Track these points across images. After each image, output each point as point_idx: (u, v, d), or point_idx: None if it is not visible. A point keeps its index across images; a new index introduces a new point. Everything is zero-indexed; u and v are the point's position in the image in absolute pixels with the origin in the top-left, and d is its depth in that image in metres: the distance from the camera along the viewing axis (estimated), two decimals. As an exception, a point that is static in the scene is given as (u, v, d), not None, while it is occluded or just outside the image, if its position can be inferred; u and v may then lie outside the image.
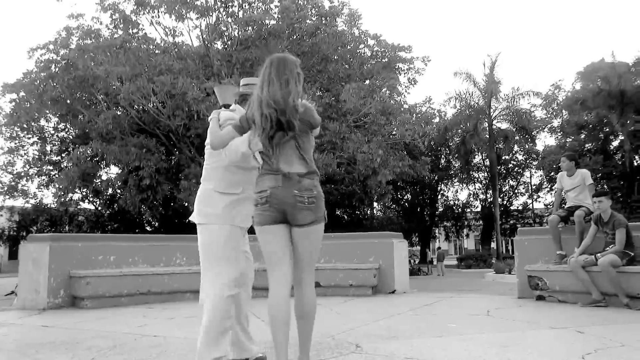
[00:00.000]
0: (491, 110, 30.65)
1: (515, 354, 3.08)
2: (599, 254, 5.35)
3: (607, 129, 29.07)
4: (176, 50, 19.99)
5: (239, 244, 2.86)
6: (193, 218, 2.89)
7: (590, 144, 29.76)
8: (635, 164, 27.02)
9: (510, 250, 39.17)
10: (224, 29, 19.81)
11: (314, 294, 2.66)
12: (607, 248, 5.42)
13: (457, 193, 38.99)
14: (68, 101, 19.87)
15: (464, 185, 37.94)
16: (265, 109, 2.45)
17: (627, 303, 5.08)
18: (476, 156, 35.16)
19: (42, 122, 23.14)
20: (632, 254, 5.28)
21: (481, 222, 38.29)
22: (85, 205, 25.80)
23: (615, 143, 29.51)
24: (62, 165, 22.93)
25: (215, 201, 2.80)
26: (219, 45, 20.51)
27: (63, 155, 23.86)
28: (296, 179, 2.45)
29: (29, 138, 24.06)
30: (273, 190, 2.45)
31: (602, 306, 5.25)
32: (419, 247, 38.41)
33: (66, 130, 24.34)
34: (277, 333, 2.51)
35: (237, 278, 2.81)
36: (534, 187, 36.33)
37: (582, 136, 30.14)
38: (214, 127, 2.75)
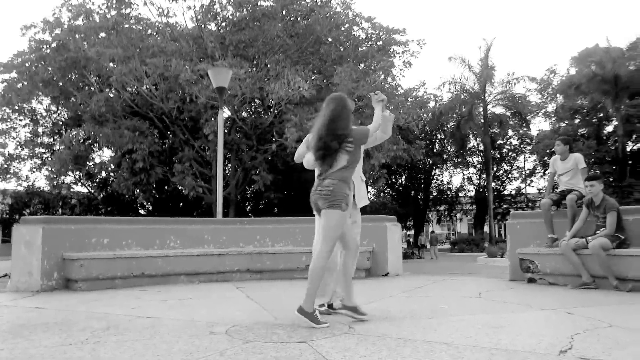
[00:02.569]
0: (486, 94, 30.62)
1: (505, 334, 3.12)
2: (589, 237, 5.41)
3: (601, 114, 29.15)
4: (169, 31, 19.75)
5: None
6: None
7: (584, 129, 29.85)
8: (628, 149, 27.16)
9: (503, 235, 39.46)
10: (218, 10, 19.56)
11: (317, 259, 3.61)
12: (598, 231, 5.47)
13: (451, 177, 39.15)
14: (60, 83, 19.65)
15: (459, 169, 38.06)
16: None
17: (617, 285, 5.15)
18: (471, 141, 35.23)
19: (34, 103, 22.89)
20: (623, 237, 5.34)
21: (474, 206, 38.50)
22: (78, 188, 25.71)
23: (609, 128, 29.63)
24: (54, 148, 22.78)
25: None
26: (212, 26, 20.27)
27: (55, 137, 23.68)
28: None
29: (21, 120, 23.82)
30: None
31: (592, 288, 5.32)
32: (412, 231, 38.64)
33: (58, 112, 24.11)
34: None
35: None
36: (527, 171, 36.50)
37: (576, 121, 30.22)
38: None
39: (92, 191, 25.74)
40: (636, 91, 25.52)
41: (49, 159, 22.05)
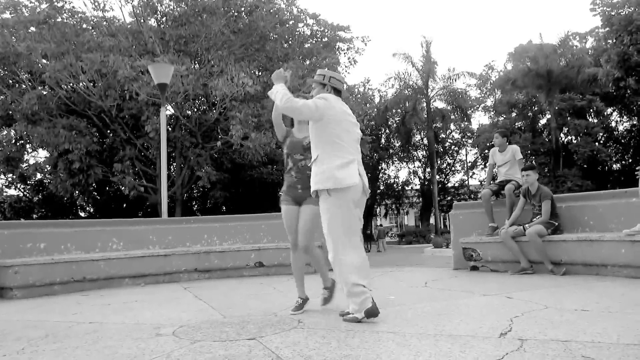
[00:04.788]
0: (429, 90, 31.44)
1: (450, 321, 3.23)
2: (526, 225, 5.67)
3: (536, 108, 30.62)
4: (106, 25, 18.97)
5: None
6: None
7: (520, 122, 31.27)
8: (561, 140, 28.68)
9: (448, 226, 40.71)
10: (158, 4, 19.00)
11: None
12: (534, 219, 5.74)
13: (397, 171, 39.96)
14: (-13, 80, 18.48)
15: (405, 163, 38.92)
16: None
17: (552, 269, 5.43)
18: (415, 135, 36.10)
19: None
20: (557, 223, 5.64)
21: (421, 199, 39.50)
22: (12, 191, 24.33)
23: (543, 121, 31.17)
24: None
25: None
26: (152, 21, 19.67)
27: (-16, 138, 22.24)
28: None
29: (-56, 120, 22.18)
30: None
31: (529, 273, 5.58)
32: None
33: (-14, 111, 22.65)
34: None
35: None
36: (469, 164, 37.83)
37: (513, 114, 31.59)
38: None
39: (27, 194, 24.40)
40: (567, 86, 26.99)
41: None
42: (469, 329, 2.96)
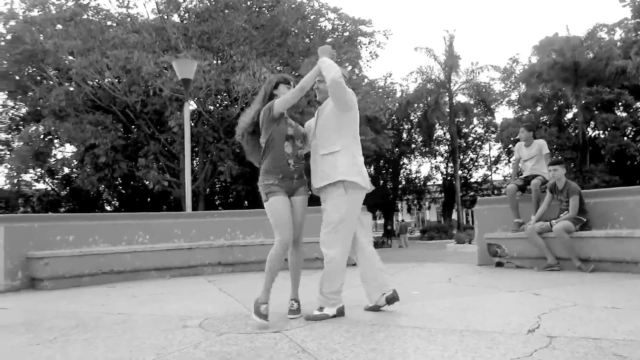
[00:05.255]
0: (451, 84, 31.08)
1: (475, 316, 3.20)
2: (553, 221, 5.57)
3: (562, 102, 29.97)
4: (130, 22, 19.22)
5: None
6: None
7: (545, 117, 30.65)
8: (588, 135, 28.04)
9: (471, 221, 40.30)
10: (181, 0, 19.17)
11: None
12: (561, 215, 5.64)
13: (419, 166, 39.64)
14: (17, 77, 18.93)
15: (427, 158, 38.60)
16: None
17: (580, 266, 5.33)
18: (437, 130, 35.74)
19: (-11, 99, 22.00)
20: (585, 219, 5.52)
21: (443, 194, 39.13)
22: (40, 185, 24.95)
23: (569, 115, 30.51)
24: (13, 145, 21.99)
25: None
26: (175, 17, 19.86)
27: (13, 133, 22.84)
28: None
29: (-24, 116, 22.85)
30: None
31: (556, 270, 5.49)
32: (382, 221, 39.01)
33: (16, 107, 23.25)
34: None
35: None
36: (492, 159, 37.30)
37: (538, 109, 30.99)
38: None
39: (54, 188, 24.98)
40: (594, 79, 26.35)
41: (8, 155, 21.27)
42: (496, 325, 2.92)
